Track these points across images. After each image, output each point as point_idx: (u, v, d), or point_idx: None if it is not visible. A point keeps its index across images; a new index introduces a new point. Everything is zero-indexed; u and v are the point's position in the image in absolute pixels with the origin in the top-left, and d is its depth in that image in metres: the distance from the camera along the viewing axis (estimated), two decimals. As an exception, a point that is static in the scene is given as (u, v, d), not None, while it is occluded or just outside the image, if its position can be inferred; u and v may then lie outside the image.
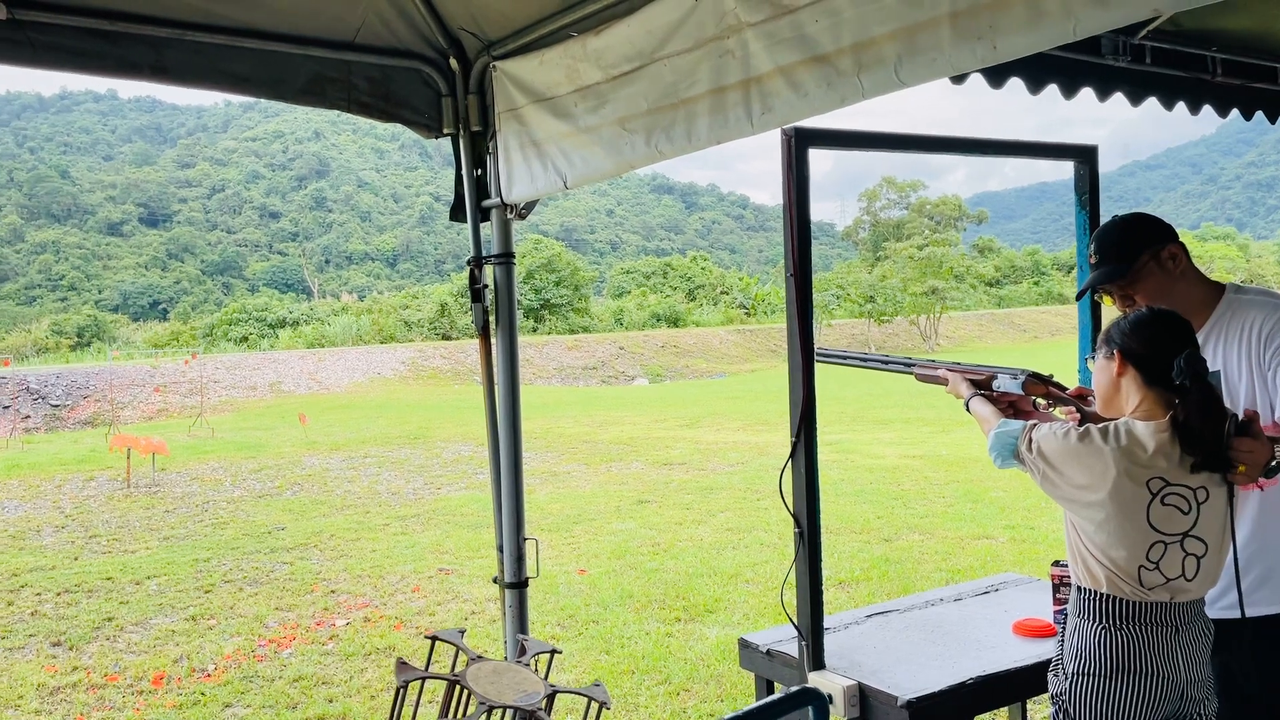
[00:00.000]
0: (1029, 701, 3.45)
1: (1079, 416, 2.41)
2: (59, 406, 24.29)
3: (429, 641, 2.36)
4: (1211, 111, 4.34)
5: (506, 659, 2.42)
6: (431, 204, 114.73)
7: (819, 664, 2.53)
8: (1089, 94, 4.05)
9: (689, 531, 8.44)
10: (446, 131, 2.95)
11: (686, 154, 2.27)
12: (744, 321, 46.98)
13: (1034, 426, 2.23)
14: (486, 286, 3.00)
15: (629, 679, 4.99)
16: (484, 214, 3.02)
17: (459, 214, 3.04)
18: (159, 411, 24.04)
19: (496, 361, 3.00)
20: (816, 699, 1.56)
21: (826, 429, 13.64)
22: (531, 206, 3.00)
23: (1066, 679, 2.19)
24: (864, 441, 13.57)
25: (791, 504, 2.57)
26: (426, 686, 2.45)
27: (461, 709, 2.15)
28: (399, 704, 2.13)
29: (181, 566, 7.65)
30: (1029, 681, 2.56)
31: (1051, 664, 2.27)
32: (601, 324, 43.97)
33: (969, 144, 2.89)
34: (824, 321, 41.22)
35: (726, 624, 5.83)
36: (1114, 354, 2.19)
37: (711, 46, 2.14)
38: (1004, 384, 2.46)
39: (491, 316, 3.00)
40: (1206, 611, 2.20)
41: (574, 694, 2.18)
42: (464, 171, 2.99)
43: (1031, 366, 2.53)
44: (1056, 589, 2.82)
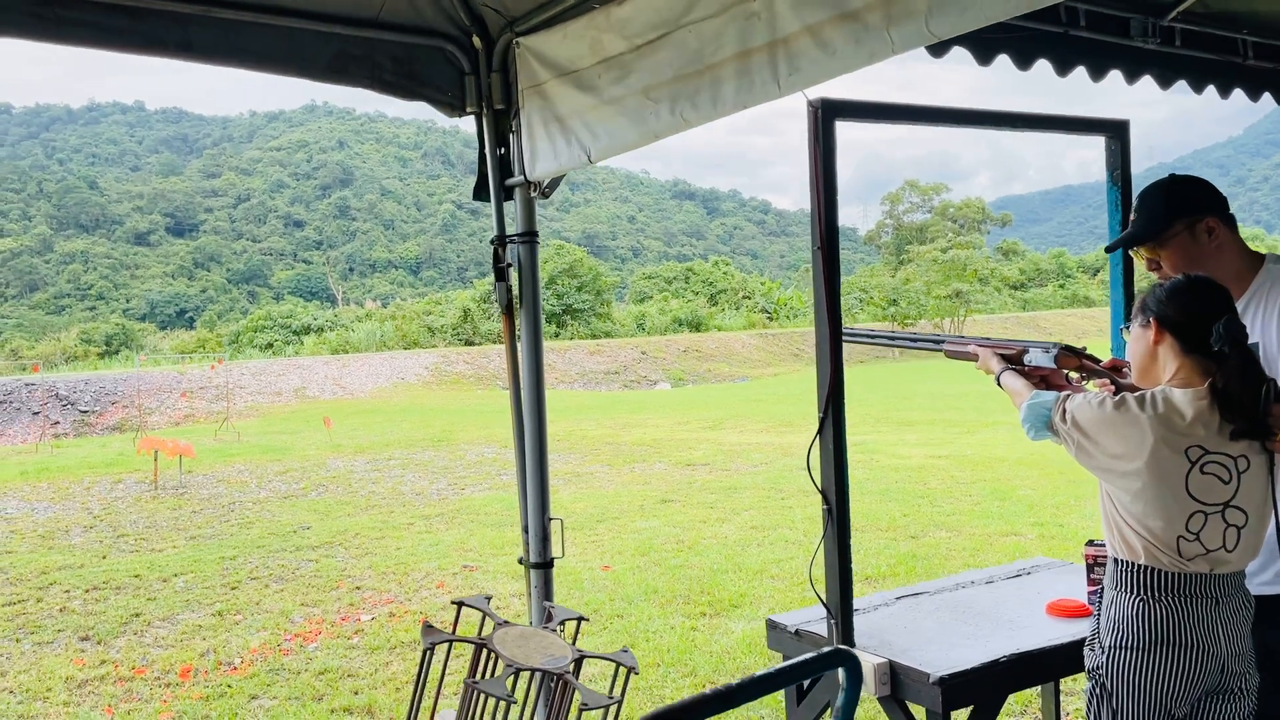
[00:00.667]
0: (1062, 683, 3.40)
1: (1114, 389, 2.36)
2: (87, 413, 24.54)
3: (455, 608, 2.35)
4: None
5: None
6: (454, 212, 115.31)
7: (848, 642, 2.49)
8: (1117, 77, 4.00)
9: (713, 529, 8.40)
10: (469, 110, 2.94)
11: (711, 121, 2.24)
12: (766, 326, 46.85)
13: (1068, 397, 2.19)
14: (510, 265, 2.99)
15: (655, 671, 4.96)
16: (507, 193, 3.01)
17: (482, 193, 3.04)
18: (185, 417, 24.25)
19: (521, 339, 2.99)
20: (849, 659, 1.52)
21: (850, 430, 13.53)
22: (556, 185, 2.99)
23: (1103, 652, 2.14)
24: (888, 442, 13.47)
25: (820, 481, 2.54)
26: (452, 654, 2.43)
27: (489, 673, 2.13)
28: (425, 667, 2.11)
29: (208, 564, 7.68)
30: (1064, 661, 2.51)
31: (1087, 639, 2.22)
32: (623, 329, 43.99)
33: (996, 117, 2.85)
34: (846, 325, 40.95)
35: (752, 618, 5.78)
36: (1150, 322, 2.15)
37: (737, 9, 2.12)
38: (1036, 358, 2.42)
39: (515, 295, 3.00)
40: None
41: (601, 659, 2.16)
42: (487, 150, 2.99)
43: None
44: (1091, 569, 2.77)
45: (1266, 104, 4.31)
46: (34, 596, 6.93)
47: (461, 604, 2.34)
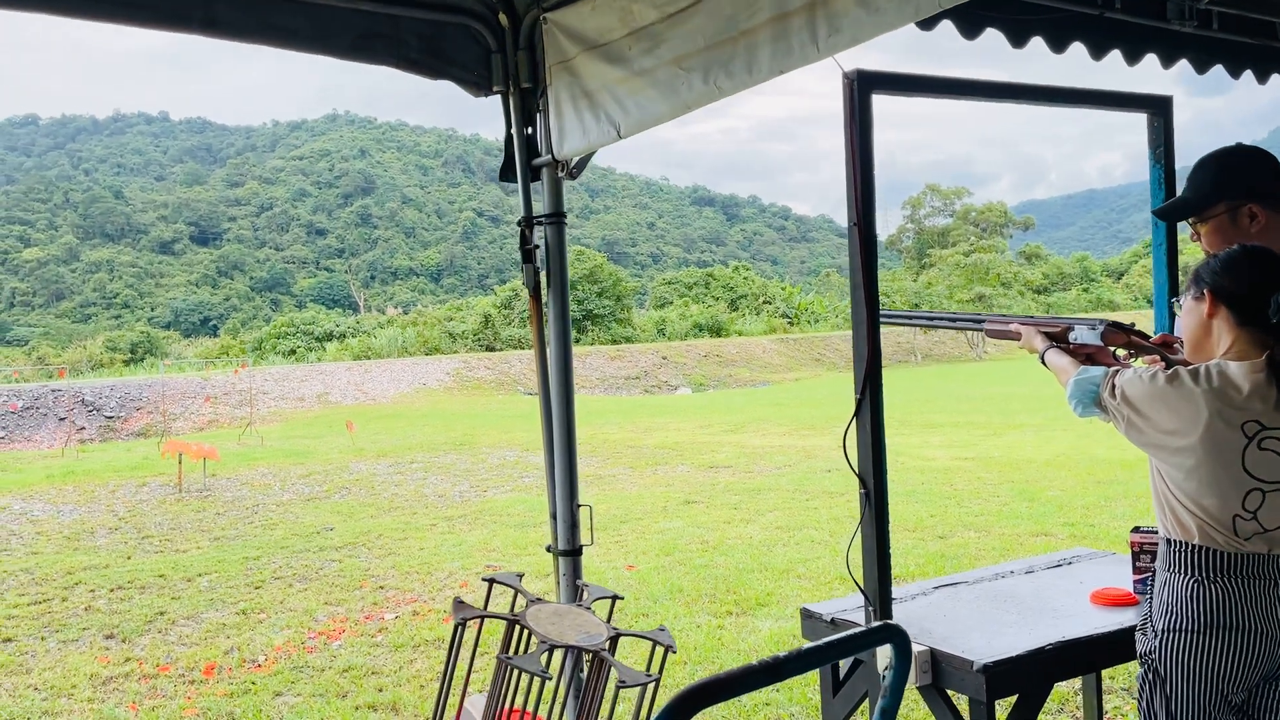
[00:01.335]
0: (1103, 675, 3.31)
1: (1165, 365, 2.29)
2: (113, 418, 24.74)
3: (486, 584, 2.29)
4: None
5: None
6: (474, 219, 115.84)
7: (887, 630, 2.41)
8: (1152, 61, 3.91)
9: (738, 530, 8.32)
10: (496, 89, 2.90)
11: (746, 89, 2.18)
12: (787, 331, 46.71)
13: (1117, 372, 2.12)
14: (538, 247, 2.94)
15: (681, 670, 4.89)
16: (534, 173, 2.97)
17: (509, 174, 2.99)
18: (209, 422, 24.39)
19: (549, 322, 2.94)
20: (898, 635, 1.46)
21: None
22: (583, 165, 2.94)
23: (1156, 636, 2.07)
24: (913, 444, 13.34)
25: (856, 465, 2.47)
26: (482, 637, 2.37)
27: (522, 650, 2.07)
28: (456, 643, 2.06)
29: (232, 564, 7.68)
30: (1111, 650, 2.43)
31: (1139, 624, 2.15)
32: (644, 334, 43.95)
33: (1035, 91, 2.78)
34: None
35: (780, 617, 5.70)
36: (1203, 294, 2.07)
37: (773, -29, 2.06)
38: (1081, 335, 2.34)
39: (543, 277, 2.95)
40: None
41: (637, 637, 2.10)
42: (513, 130, 2.94)
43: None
44: (1136, 557, 2.69)
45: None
46: (59, 596, 6.94)
47: (493, 580, 2.28)
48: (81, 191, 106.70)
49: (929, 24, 2.89)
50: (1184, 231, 2.52)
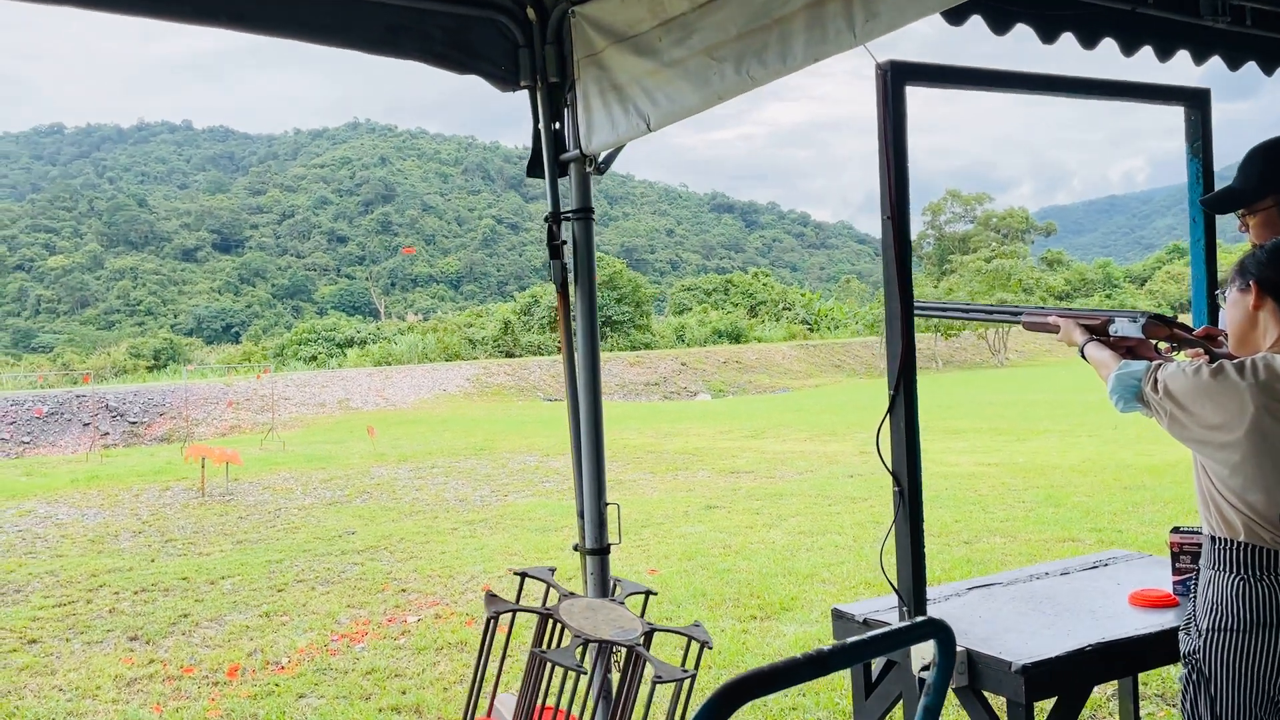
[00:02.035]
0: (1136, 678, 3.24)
1: (1208, 358, 2.24)
2: (136, 423, 24.93)
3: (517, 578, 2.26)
4: None
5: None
6: (494, 226, 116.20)
7: (922, 630, 2.37)
8: (1185, 57, 3.86)
9: (760, 534, 8.26)
10: (523, 84, 2.87)
11: (780, 77, 2.15)
12: (807, 337, 46.56)
13: (1159, 366, 2.07)
14: (565, 242, 2.92)
15: (705, 674, 4.84)
16: (562, 169, 2.94)
17: (536, 170, 2.97)
18: (231, 428, 24.53)
19: (576, 317, 2.91)
20: (943, 630, 1.42)
21: (897, 438, 13.28)
22: (611, 160, 2.92)
23: (1200, 636, 2.01)
24: (936, 450, 13.23)
25: (890, 462, 2.43)
26: (513, 627, 2.34)
27: (554, 644, 2.04)
28: (489, 637, 2.03)
29: (254, 568, 7.69)
30: (1152, 652, 2.38)
31: (1183, 623, 2.09)
32: (663, 341, 43.92)
33: (1070, 83, 2.74)
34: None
35: (804, 621, 5.65)
36: (1249, 285, 2.03)
37: (808, -44, 2.03)
38: (1122, 328, 2.29)
39: (570, 273, 2.92)
40: None
41: (673, 632, 2.06)
42: (541, 126, 2.92)
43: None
44: (1176, 558, 2.63)
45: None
46: (84, 598, 6.97)
47: (524, 574, 2.25)
48: (106, 200, 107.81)
49: (960, 17, 2.85)
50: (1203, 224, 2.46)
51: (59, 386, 30.96)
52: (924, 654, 2.32)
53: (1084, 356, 2.31)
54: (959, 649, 2.30)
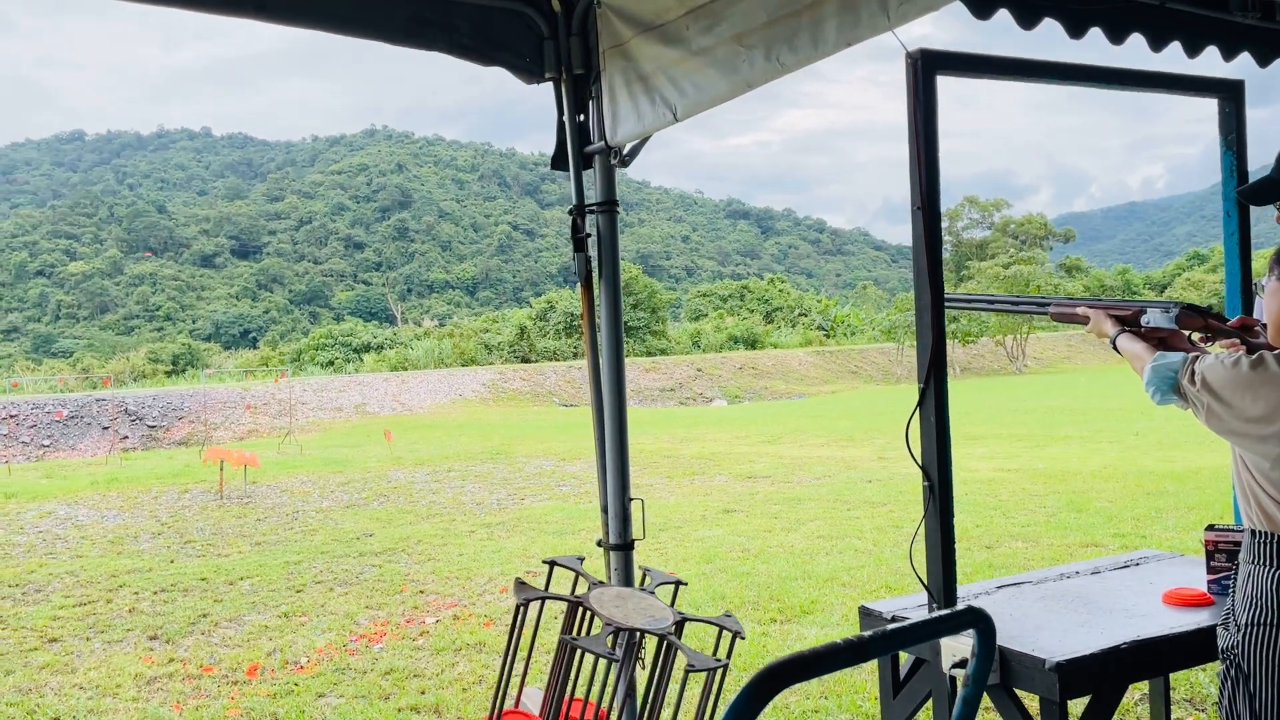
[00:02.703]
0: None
1: (1245, 349, 2.19)
2: (155, 427, 25.08)
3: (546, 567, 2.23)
4: None
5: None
6: (510, 232, 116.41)
7: (953, 627, 2.33)
8: (1213, 54, 3.81)
9: (779, 538, 8.21)
10: (548, 76, 2.86)
11: (811, 64, 2.13)
12: (823, 343, 46.43)
13: (1196, 357, 2.03)
14: (589, 235, 2.90)
15: (728, 676, 4.80)
16: (586, 161, 2.92)
17: (560, 163, 2.95)
18: (249, 432, 24.64)
19: (600, 311, 2.89)
20: (983, 619, 1.38)
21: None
22: (635, 153, 2.89)
23: (1239, 631, 1.97)
24: (955, 456, 12.93)
25: (919, 456, 2.40)
26: (540, 621, 2.31)
27: (584, 633, 2.02)
28: (518, 624, 2.01)
29: (273, 569, 7.70)
30: (1187, 651, 2.33)
31: (1221, 619, 2.05)
32: (679, 346, 43.89)
33: (1102, 73, 2.70)
34: (905, 342, 40.45)
35: (825, 624, 5.60)
36: (1289, 275, 1.99)
37: (840, -61, 2.00)
38: (1154, 318, 2.25)
39: (594, 266, 2.90)
40: None
41: (704, 622, 2.04)
42: (565, 118, 2.90)
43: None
44: (1211, 556, 2.59)
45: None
46: (104, 598, 6.99)
47: (554, 563, 2.23)
48: (126, 206, 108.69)
49: (987, 10, 2.82)
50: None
51: (79, 391, 31.19)
52: (955, 651, 2.28)
53: (1115, 348, 2.26)
54: (990, 646, 2.26)
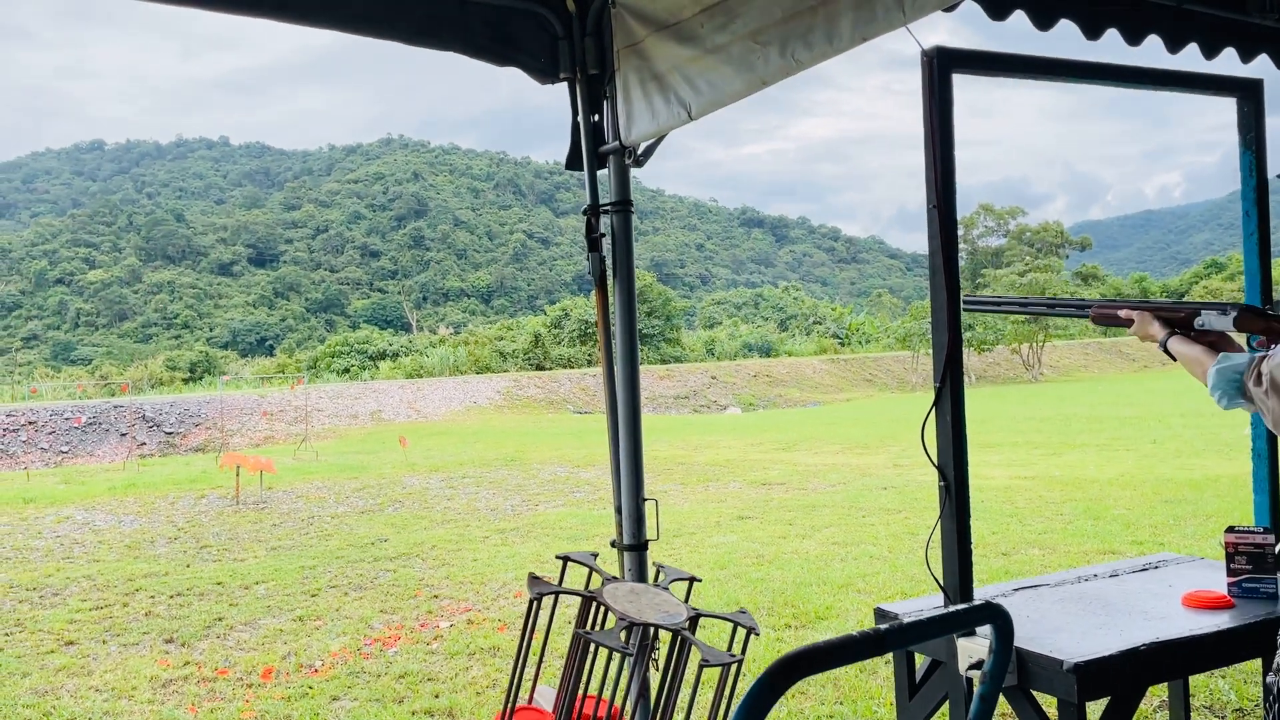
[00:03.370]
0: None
1: None
2: (172, 433, 25.21)
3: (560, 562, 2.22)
4: None
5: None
6: (525, 241, 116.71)
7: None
8: (1231, 55, 3.79)
9: (793, 545, 8.18)
10: (563, 76, 2.87)
11: (826, 60, 2.13)
12: (837, 351, 46.33)
13: (1263, 358, 1.94)
14: (604, 235, 2.90)
15: (741, 681, 4.78)
16: (600, 161, 2.93)
17: (575, 163, 2.96)
18: (265, 438, 24.75)
19: (615, 312, 2.89)
20: (1000, 615, 1.37)
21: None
22: (650, 152, 2.89)
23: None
24: (970, 463, 13.01)
25: (936, 457, 2.38)
26: (554, 617, 2.30)
27: (598, 627, 2.01)
28: (532, 619, 2.00)
29: (288, 573, 7.72)
30: (1207, 654, 2.31)
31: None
32: (693, 354, 43.87)
33: (1120, 71, 2.69)
34: (920, 349, 40.30)
35: (840, 629, 5.57)
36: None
37: (856, -65, 2.00)
38: (1209, 321, 2.14)
39: (609, 267, 2.90)
40: None
41: (719, 618, 2.03)
42: (580, 118, 2.91)
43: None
44: (1231, 558, 2.56)
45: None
46: (120, 602, 7.02)
47: (567, 559, 2.23)
48: (144, 215, 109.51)
49: (1002, 11, 2.82)
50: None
51: (97, 397, 31.40)
52: (971, 653, 2.27)
53: (1166, 351, 2.18)
54: (1008, 648, 2.24)
